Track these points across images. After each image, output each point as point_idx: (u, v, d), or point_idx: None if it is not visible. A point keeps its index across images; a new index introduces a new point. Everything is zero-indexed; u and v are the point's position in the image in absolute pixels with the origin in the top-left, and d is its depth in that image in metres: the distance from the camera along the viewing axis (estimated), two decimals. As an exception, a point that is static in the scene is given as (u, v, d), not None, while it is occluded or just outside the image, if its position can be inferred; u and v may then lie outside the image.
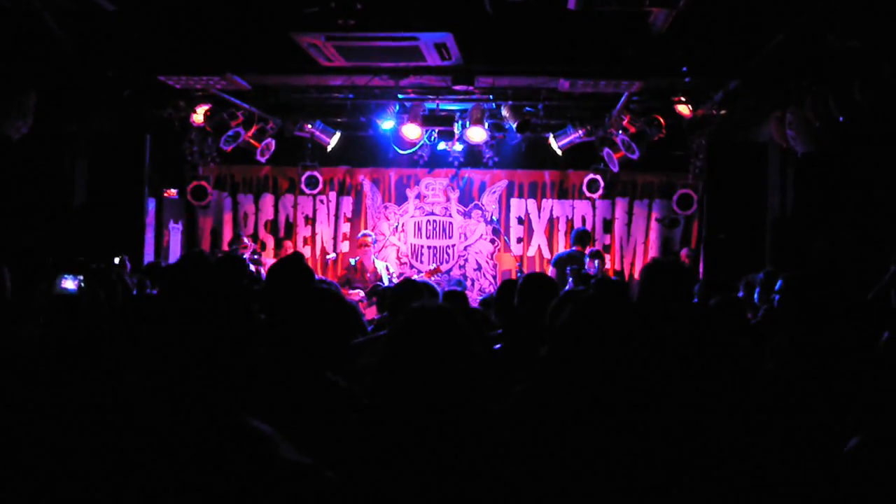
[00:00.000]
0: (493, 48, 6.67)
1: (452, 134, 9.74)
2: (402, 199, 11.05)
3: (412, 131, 9.29)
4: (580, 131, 9.45)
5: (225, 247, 10.59)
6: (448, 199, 10.98)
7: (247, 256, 9.30)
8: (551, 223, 10.91)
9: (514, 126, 9.05)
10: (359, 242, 9.34)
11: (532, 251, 10.92)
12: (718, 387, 2.75)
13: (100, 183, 9.08)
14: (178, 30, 6.58)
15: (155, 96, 8.60)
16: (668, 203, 10.23)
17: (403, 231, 11.04)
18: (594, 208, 10.80)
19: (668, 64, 6.76)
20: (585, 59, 6.84)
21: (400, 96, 8.96)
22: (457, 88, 7.91)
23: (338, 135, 10.04)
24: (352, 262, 9.31)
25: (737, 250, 8.45)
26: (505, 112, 9.18)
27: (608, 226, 10.84)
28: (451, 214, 10.99)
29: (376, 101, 9.30)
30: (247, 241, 10.01)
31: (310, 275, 3.66)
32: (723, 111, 8.60)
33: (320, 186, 10.58)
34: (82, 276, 4.20)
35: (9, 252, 6.34)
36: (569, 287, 7.93)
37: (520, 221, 10.96)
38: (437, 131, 10.03)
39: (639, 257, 10.74)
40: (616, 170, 9.75)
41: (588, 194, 10.29)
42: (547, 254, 10.83)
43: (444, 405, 2.08)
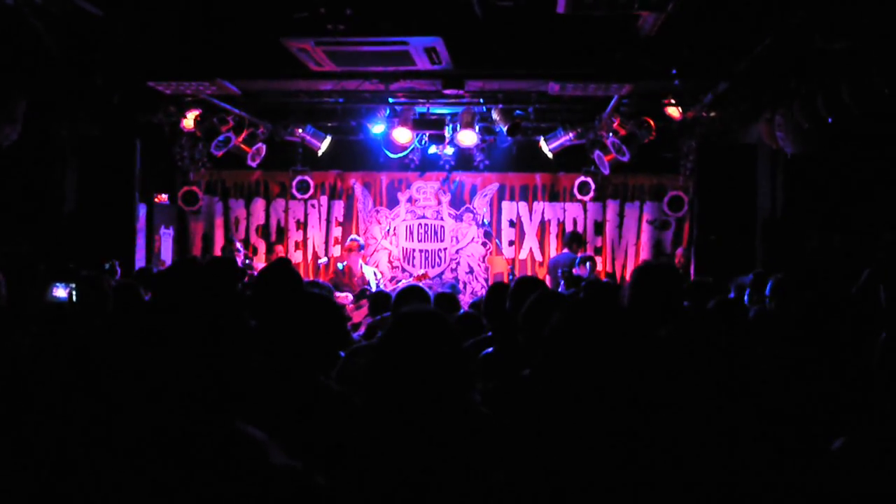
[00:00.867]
0: (483, 52, 6.68)
1: (443, 137, 9.74)
2: (393, 203, 11.05)
3: (403, 135, 9.30)
4: (570, 134, 9.48)
5: (217, 252, 10.57)
6: (439, 203, 10.98)
7: (239, 261, 9.28)
8: (543, 226, 10.93)
9: (505, 129, 9.06)
10: (347, 247, 9.36)
11: (524, 254, 10.94)
12: (712, 388, 2.76)
13: (90, 189, 9.05)
14: (167, 35, 6.56)
15: (145, 102, 8.57)
16: (659, 205, 10.28)
17: (395, 235, 11.04)
18: (585, 211, 10.82)
19: (657, 67, 6.78)
20: (575, 63, 6.85)
21: (390, 100, 8.96)
22: (447, 92, 7.92)
23: (328, 139, 10.05)
24: (339, 266, 9.33)
25: (727, 252, 8.48)
26: (495, 115, 9.18)
27: (599, 228, 10.86)
28: (442, 218, 11.00)
29: (367, 106, 9.31)
30: (239, 245, 10.00)
31: (298, 279, 3.67)
32: (712, 113, 8.63)
33: (311, 191, 10.60)
34: (74, 285, 4.18)
35: (0, 259, 6.31)
36: (561, 290, 7.96)
37: (511, 224, 10.97)
38: (427, 135, 10.04)
39: (630, 259, 10.76)
40: (607, 172, 9.77)
41: (579, 197, 10.33)
42: (539, 256, 10.86)
43: (432, 407, 2.09)
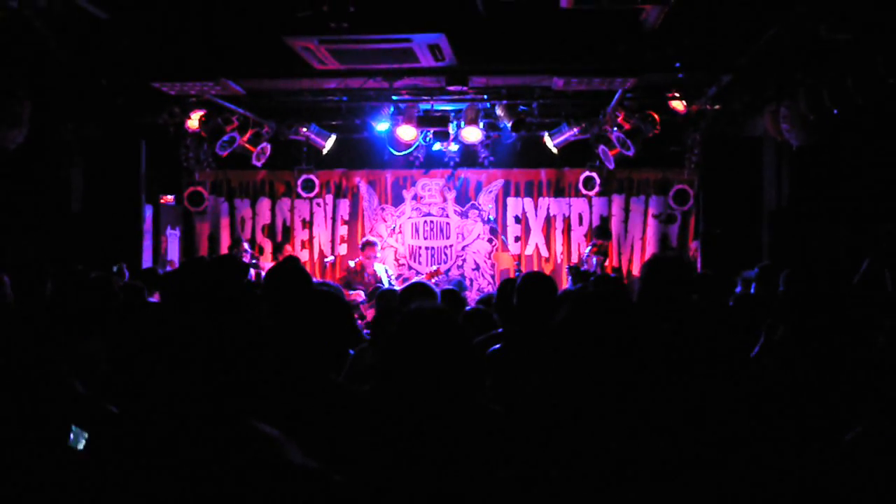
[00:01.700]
0: (487, 48, 6.68)
1: (448, 134, 9.73)
2: (398, 201, 11.04)
3: (407, 132, 9.30)
4: (575, 129, 9.46)
5: (225, 251, 10.58)
6: (445, 200, 10.97)
7: (246, 260, 9.30)
8: (548, 221, 10.90)
9: (509, 125, 9.06)
10: (367, 252, 9.28)
11: (530, 250, 10.92)
12: (720, 381, 2.75)
13: (96, 191, 9.09)
14: (171, 36, 6.58)
15: (149, 103, 8.60)
16: (665, 199, 10.27)
17: (401, 232, 11.03)
18: (591, 206, 10.79)
19: (661, 60, 6.77)
20: (579, 58, 6.85)
21: (394, 98, 8.97)
22: (451, 89, 7.92)
23: (333, 138, 10.05)
24: (351, 263, 9.33)
25: (734, 244, 8.47)
26: (499, 111, 9.18)
27: (605, 223, 10.84)
28: (448, 215, 10.99)
29: (371, 104, 9.32)
30: (246, 245, 10.01)
31: (307, 277, 3.68)
32: (717, 106, 8.62)
33: (317, 189, 10.61)
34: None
35: (7, 260, 6.34)
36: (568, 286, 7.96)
37: (517, 220, 10.95)
38: (432, 132, 10.02)
39: (636, 254, 10.74)
40: (612, 167, 9.75)
41: (584, 192, 10.31)
42: (545, 252, 10.84)
43: (441, 404, 2.09)
